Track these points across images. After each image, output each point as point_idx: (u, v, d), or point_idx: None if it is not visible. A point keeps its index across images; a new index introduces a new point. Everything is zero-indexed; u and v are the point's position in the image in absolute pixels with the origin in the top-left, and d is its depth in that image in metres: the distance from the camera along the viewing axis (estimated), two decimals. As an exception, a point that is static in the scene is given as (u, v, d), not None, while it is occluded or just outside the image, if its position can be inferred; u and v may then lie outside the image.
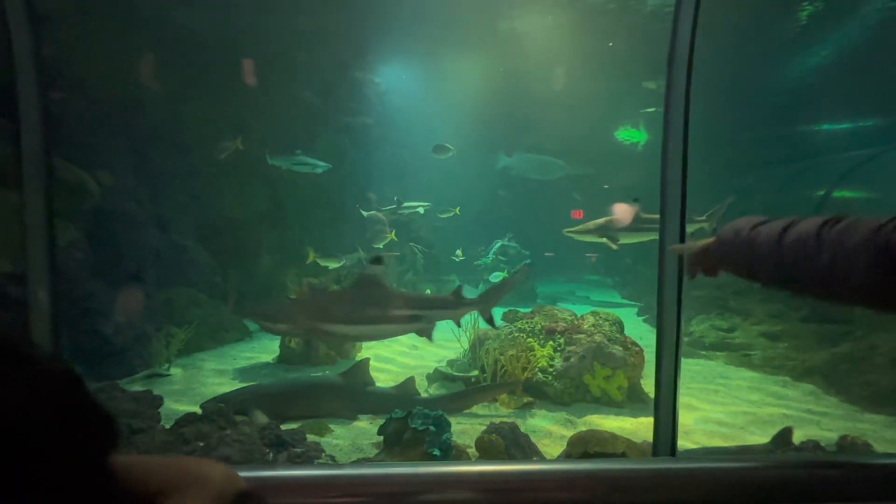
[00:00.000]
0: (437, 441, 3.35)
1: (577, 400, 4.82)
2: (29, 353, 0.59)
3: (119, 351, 5.35)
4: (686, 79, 2.20)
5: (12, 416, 0.54)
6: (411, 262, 9.41)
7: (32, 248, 2.23)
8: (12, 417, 0.54)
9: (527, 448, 3.50)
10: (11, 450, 0.53)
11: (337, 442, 3.87)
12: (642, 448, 3.11)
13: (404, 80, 12.90)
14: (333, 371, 5.32)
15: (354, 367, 4.74)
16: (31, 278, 2.23)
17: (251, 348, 6.85)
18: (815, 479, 1.51)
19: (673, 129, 2.24)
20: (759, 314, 7.21)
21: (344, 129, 10.60)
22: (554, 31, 11.17)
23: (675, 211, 2.30)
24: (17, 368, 0.57)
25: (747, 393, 5.31)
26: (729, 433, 4.22)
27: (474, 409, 4.61)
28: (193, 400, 4.53)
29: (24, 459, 0.54)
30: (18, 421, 0.54)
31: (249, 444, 3.29)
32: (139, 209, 6.63)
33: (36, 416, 0.56)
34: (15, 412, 0.54)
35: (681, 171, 2.25)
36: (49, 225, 2.28)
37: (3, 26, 2.21)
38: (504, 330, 5.35)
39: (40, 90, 2.28)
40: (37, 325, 2.24)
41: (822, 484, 1.50)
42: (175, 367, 5.67)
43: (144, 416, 3.77)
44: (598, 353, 4.85)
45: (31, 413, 0.56)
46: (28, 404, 0.56)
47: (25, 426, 0.55)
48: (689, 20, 2.10)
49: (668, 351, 2.18)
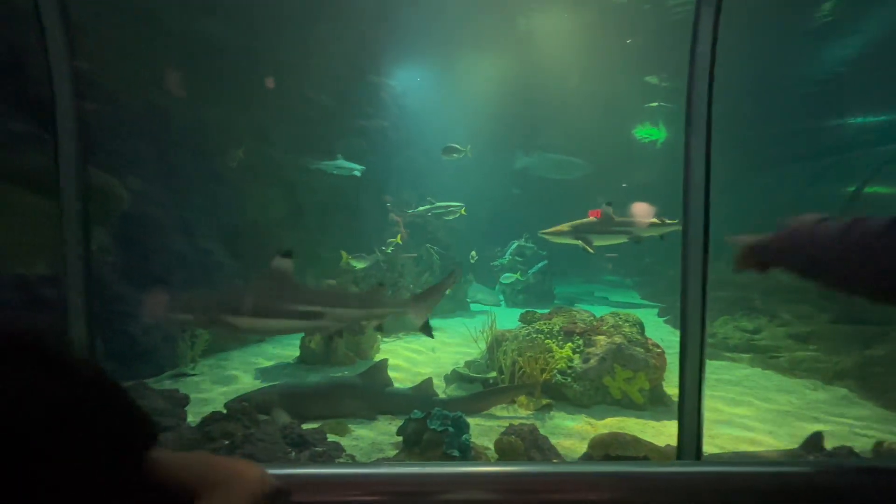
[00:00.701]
0: (456, 442, 3.36)
1: (596, 402, 4.76)
2: (68, 357, 0.63)
3: (147, 351, 5.54)
4: (708, 77, 2.15)
5: (56, 418, 0.58)
6: (428, 264, 9.44)
7: (70, 253, 2.33)
8: (56, 419, 0.58)
9: (546, 450, 3.47)
10: (58, 449, 0.57)
11: (357, 442, 3.92)
12: (665, 452, 3.06)
13: (420, 82, 12.98)
14: (352, 372, 5.38)
15: (373, 367, 4.79)
16: (68, 282, 2.33)
17: (272, 348, 6.99)
18: (850, 486, 1.46)
19: (695, 129, 2.20)
20: (786, 315, 6.99)
21: (361, 132, 10.73)
22: (570, 29, 11.07)
23: (698, 210, 2.26)
24: (59, 373, 0.60)
25: (775, 396, 5.15)
26: (756, 438, 4.10)
27: (493, 410, 4.60)
28: (218, 399, 4.65)
29: (68, 457, 0.58)
30: (62, 422, 0.58)
31: (272, 443, 3.36)
32: (165, 214, 6.85)
33: (78, 417, 0.59)
34: (58, 414, 0.58)
35: (704, 171, 2.21)
36: (85, 231, 2.39)
37: (41, 41, 2.32)
38: (522, 331, 5.33)
39: (76, 101, 2.38)
40: (73, 326, 2.34)
41: (856, 491, 1.45)
42: (200, 367, 5.84)
43: (172, 414, 3.89)
44: (619, 354, 4.78)
45: (73, 414, 0.59)
46: (70, 406, 0.59)
47: (69, 427, 0.58)
48: (711, 18, 2.06)
49: (691, 353, 2.14)
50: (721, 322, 7.31)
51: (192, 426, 3.67)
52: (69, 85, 2.35)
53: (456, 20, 10.46)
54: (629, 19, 10.63)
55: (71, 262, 2.31)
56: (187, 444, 3.43)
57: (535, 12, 10.70)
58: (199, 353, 5.93)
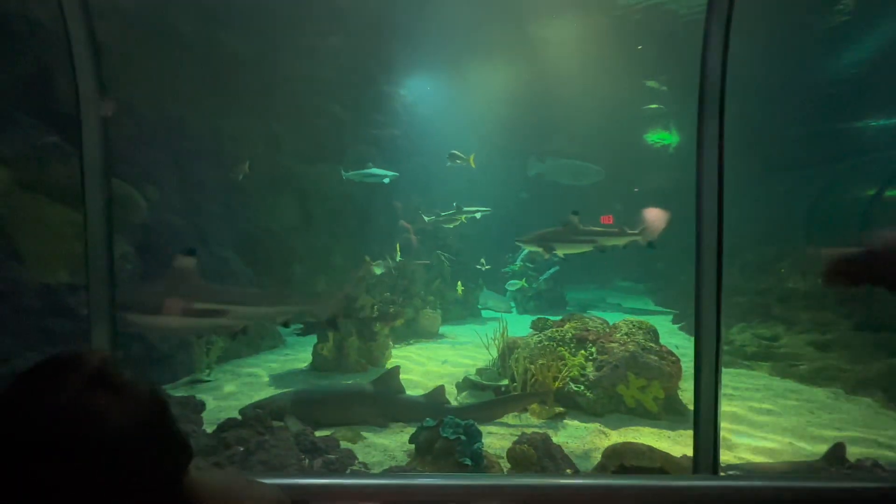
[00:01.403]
0: (469, 451, 3.34)
1: (610, 410, 4.70)
2: (123, 377, 0.67)
3: (165, 357, 5.64)
4: (720, 82, 2.14)
5: (106, 435, 0.61)
6: (438, 270, 9.47)
7: (93, 261, 2.40)
8: (106, 437, 0.61)
9: (559, 459, 3.44)
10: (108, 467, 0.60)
11: (369, 450, 3.93)
12: (681, 463, 3.00)
13: (430, 91, 13.10)
14: (364, 379, 5.40)
15: (385, 374, 4.80)
16: (91, 289, 2.40)
17: (285, 355, 7.06)
18: (872, 501, 1.42)
19: (707, 134, 2.19)
20: (806, 322, 6.82)
21: (372, 140, 10.86)
22: (579, 36, 11.08)
23: (712, 215, 2.24)
24: (113, 393, 0.64)
25: (795, 406, 5.02)
26: (776, 448, 4.00)
27: (505, 418, 4.57)
28: (232, 405, 4.71)
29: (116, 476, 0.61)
30: (111, 440, 0.61)
31: (286, 450, 3.39)
32: (182, 222, 7.00)
33: (127, 436, 0.63)
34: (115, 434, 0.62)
35: (717, 176, 2.19)
36: (108, 240, 2.45)
37: (69, 58, 2.42)
38: (534, 338, 5.30)
39: (101, 115, 2.46)
40: (97, 333, 2.40)
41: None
42: (215, 373, 5.92)
43: (188, 420, 3.95)
44: (632, 362, 4.72)
45: (122, 434, 0.63)
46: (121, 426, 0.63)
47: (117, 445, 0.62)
48: (722, 24, 2.06)
49: (707, 363, 2.11)
50: (738, 329, 7.16)
51: (208, 433, 3.72)
52: (95, 100, 2.43)
53: (466, 29, 10.56)
54: (638, 25, 10.61)
55: (94, 270, 2.37)
56: (203, 450, 3.47)
57: (544, 20, 10.75)
58: (215, 360, 6.02)
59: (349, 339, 6.20)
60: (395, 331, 7.32)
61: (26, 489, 0.57)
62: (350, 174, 8.70)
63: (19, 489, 0.57)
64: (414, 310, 8.04)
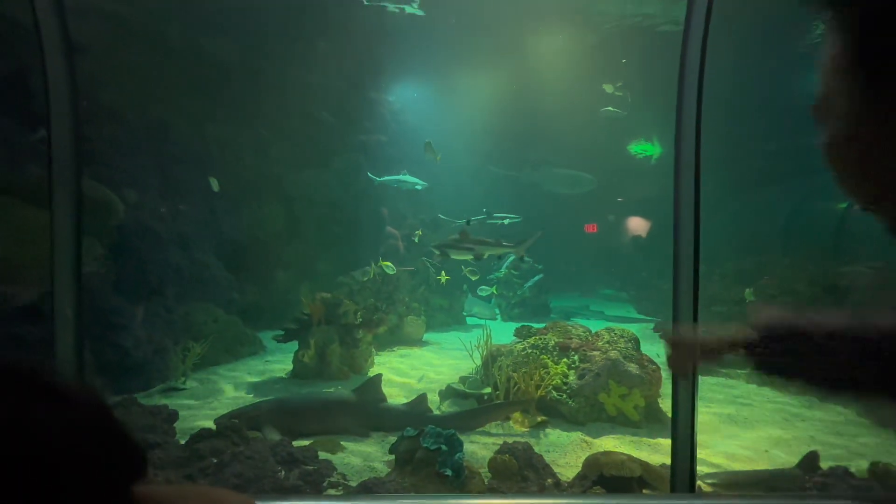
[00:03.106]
0: (450, 461, 3.30)
1: (592, 419, 4.70)
2: (60, 385, 0.62)
3: (139, 364, 5.48)
4: (697, 96, 2.20)
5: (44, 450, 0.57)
6: (424, 277, 9.43)
7: (59, 264, 2.32)
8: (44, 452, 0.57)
9: (541, 470, 3.42)
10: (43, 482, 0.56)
11: (348, 460, 3.85)
12: (659, 472, 3.01)
13: (417, 98, 13.17)
14: (346, 387, 5.32)
15: (367, 383, 4.74)
16: (56, 293, 2.32)
17: (265, 363, 6.91)
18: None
19: (684, 146, 2.23)
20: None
21: (359, 147, 10.83)
22: (564, 48, 11.30)
23: (688, 226, 2.28)
24: (49, 403, 0.59)
25: (770, 413, 5.10)
26: (751, 456, 4.05)
27: (487, 427, 4.54)
28: (208, 414, 4.58)
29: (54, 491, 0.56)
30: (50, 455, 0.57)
31: (262, 462, 3.30)
32: (162, 227, 6.85)
33: (67, 449, 0.58)
34: (47, 447, 0.57)
35: (693, 189, 2.23)
36: (76, 242, 2.38)
37: (40, 55, 2.35)
38: (517, 346, 5.29)
39: (74, 115, 2.40)
40: (62, 338, 2.32)
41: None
42: (191, 381, 5.76)
43: (160, 430, 3.82)
44: (614, 370, 4.74)
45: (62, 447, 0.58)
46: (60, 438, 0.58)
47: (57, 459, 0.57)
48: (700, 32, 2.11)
49: (683, 383, 2.12)
50: (717, 338, 7.26)
51: (181, 444, 3.61)
52: (66, 100, 2.37)
53: (454, 38, 10.68)
54: (622, 39, 10.87)
55: (60, 273, 2.29)
56: (175, 462, 3.36)
57: (531, 31, 10.95)
58: (192, 367, 5.86)
59: (331, 346, 6.11)
60: (379, 338, 7.25)
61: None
62: (383, 178, 8.83)
63: None
64: (398, 316, 7.98)
